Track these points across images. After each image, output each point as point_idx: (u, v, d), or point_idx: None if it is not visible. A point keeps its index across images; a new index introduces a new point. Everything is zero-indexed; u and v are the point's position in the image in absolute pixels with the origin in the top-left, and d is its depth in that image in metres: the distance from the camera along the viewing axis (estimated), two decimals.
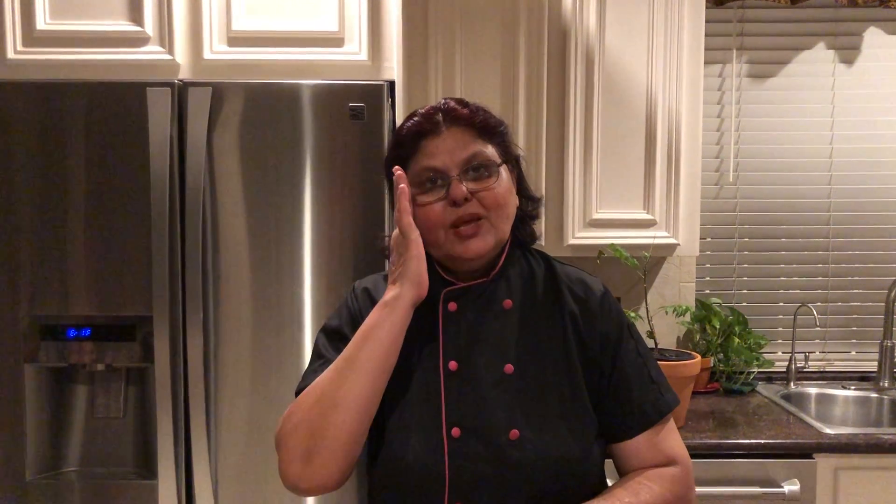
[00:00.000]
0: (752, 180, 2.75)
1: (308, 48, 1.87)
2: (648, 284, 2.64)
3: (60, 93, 1.76)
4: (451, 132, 1.15)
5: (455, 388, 1.15)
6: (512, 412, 1.13)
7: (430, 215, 1.14)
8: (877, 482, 2.01)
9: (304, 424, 1.08)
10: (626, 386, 1.18)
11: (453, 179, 1.13)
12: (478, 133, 1.16)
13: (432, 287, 1.19)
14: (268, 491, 1.79)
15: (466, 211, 1.13)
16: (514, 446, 1.11)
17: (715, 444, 1.99)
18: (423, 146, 1.15)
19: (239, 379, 1.78)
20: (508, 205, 1.17)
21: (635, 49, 2.25)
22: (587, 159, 2.26)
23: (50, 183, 1.76)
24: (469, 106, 1.18)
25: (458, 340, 1.17)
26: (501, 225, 1.16)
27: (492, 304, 1.19)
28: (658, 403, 1.18)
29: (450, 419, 1.13)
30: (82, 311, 1.77)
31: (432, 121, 1.15)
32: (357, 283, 1.29)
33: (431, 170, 1.14)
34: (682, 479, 1.17)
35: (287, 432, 1.09)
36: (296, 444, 1.08)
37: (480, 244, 1.14)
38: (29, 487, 1.79)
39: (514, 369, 1.15)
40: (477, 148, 1.15)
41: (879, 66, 2.72)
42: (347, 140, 1.77)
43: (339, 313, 1.26)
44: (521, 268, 1.24)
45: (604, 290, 1.23)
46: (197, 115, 1.73)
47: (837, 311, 2.77)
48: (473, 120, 1.16)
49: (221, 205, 1.77)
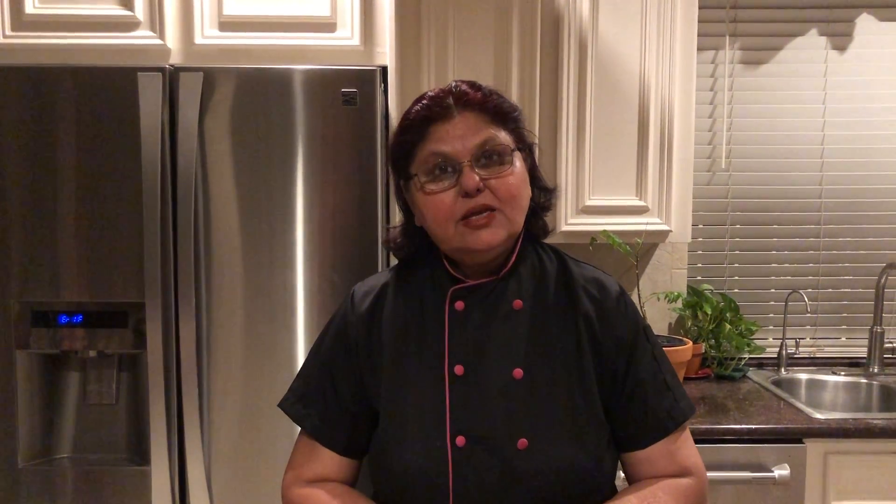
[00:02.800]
0: (744, 167, 2.76)
1: (300, 33, 1.86)
2: (640, 271, 2.65)
3: (50, 77, 1.74)
4: (463, 116, 1.08)
5: (460, 393, 1.09)
6: (520, 420, 1.07)
7: (439, 206, 1.08)
8: (866, 466, 2.03)
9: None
10: (640, 392, 1.12)
11: (465, 167, 1.06)
12: (491, 118, 1.09)
13: (439, 285, 1.15)
14: (260, 476, 1.79)
15: (478, 202, 1.06)
16: (522, 456, 1.05)
17: (706, 430, 2.01)
18: (433, 131, 1.08)
19: (232, 365, 1.78)
20: (522, 196, 1.10)
21: (628, 35, 2.24)
22: (580, 146, 2.26)
23: (40, 168, 1.75)
24: (482, 89, 1.10)
25: (465, 343, 1.11)
26: (515, 217, 1.09)
27: (501, 304, 1.13)
28: (673, 411, 1.13)
29: (454, 427, 1.07)
30: (74, 298, 1.76)
31: (442, 104, 1.08)
32: (357, 288, 1.23)
33: (441, 155, 1.07)
34: (696, 492, 1.12)
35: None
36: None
37: (492, 236, 1.07)
38: (21, 474, 1.79)
39: (524, 374, 1.09)
40: (490, 133, 1.07)
41: (872, 53, 2.73)
42: (340, 126, 1.76)
43: (331, 321, 1.23)
44: (533, 265, 1.17)
45: (620, 291, 1.17)
46: (188, 101, 1.72)
47: (828, 297, 2.79)
48: (486, 104, 1.09)
49: (213, 190, 1.76)
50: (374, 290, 1.21)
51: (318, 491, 1.16)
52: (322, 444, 1.18)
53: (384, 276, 1.23)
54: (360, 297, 1.21)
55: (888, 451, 2.03)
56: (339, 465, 1.19)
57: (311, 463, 1.19)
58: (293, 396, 1.22)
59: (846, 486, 2.03)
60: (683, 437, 1.15)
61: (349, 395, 1.18)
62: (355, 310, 1.19)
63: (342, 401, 1.18)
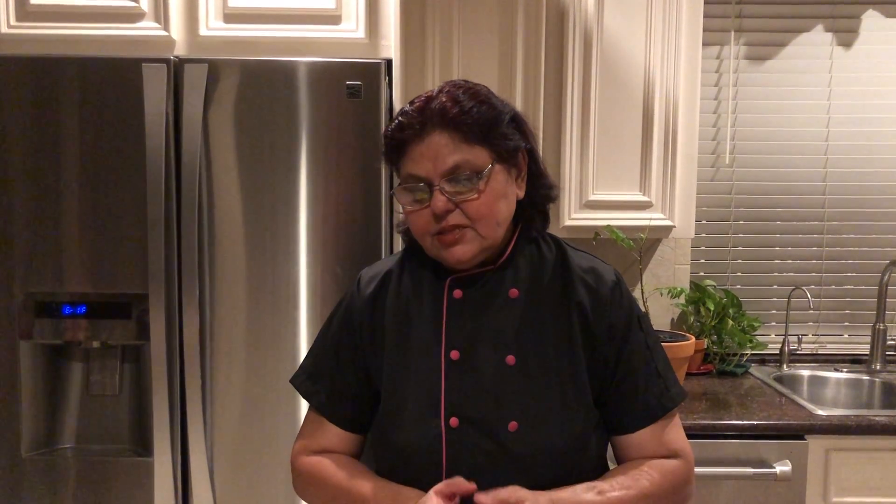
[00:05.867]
0: (748, 163, 2.75)
1: (305, 25, 1.86)
2: (643, 266, 2.65)
3: (55, 68, 1.74)
4: (436, 137, 1.09)
5: (455, 377, 1.14)
6: (511, 404, 1.12)
7: (416, 222, 1.14)
8: (867, 463, 2.03)
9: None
10: (631, 379, 1.16)
11: (435, 189, 1.09)
12: (465, 137, 1.09)
13: (438, 273, 1.19)
14: (263, 467, 1.80)
15: (448, 223, 1.10)
16: (512, 438, 1.11)
17: (708, 425, 2.01)
18: (409, 151, 1.12)
19: (235, 356, 1.78)
20: (496, 212, 1.13)
21: (633, 30, 2.24)
22: (584, 141, 2.25)
23: (44, 159, 1.75)
24: (461, 103, 1.10)
25: (462, 329, 1.16)
26: (489, 232, 1.13)
27: (497, 292, 1.17)
28: (663, 398, 1.17)
29: (448, 409, 1.13)
30: (77, 289, 1.76)
31: (415, 125, 1.10)
32: (364, 272, 1.29)
33: (415, 177, 1.11)
34: (682, 473, 1.17)
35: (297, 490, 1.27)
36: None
37: (462, 252, 1.12)
38: (24, 464, 1.79)
39: (516, 360, 1.13)
40: (461, 156, 1.09)
41: (877, 49, 2.72)
42: (344, 118, 1.76)
43: (339, 303, 1.29)
44: (531, 254, 1.21)
45: (616, 280, 1.20)
46: (193, 92, 1.72)
47: (831, 293, 2.79)
48: (463, 121, 1.09)
49: (217, 182, 1.76)
50: (380, 275, 1.25)
51: (325, 460, 1.22)
52: (328, 419, 1.25)
53: (390, 262, 1.28)
54: (365, 282, 1.26)
55: (890, 448, 2.03)
56: (344, 439, 1.25)
57: (317, 436, 1.25)
58: (303, 374, 1.28)
59: (848, 483, 2.03)
60: (673, 422, 1.19)
61: (353, 375, 1.24)
62: (361, 293, 1.24)
63: (347, 380, 1.24)
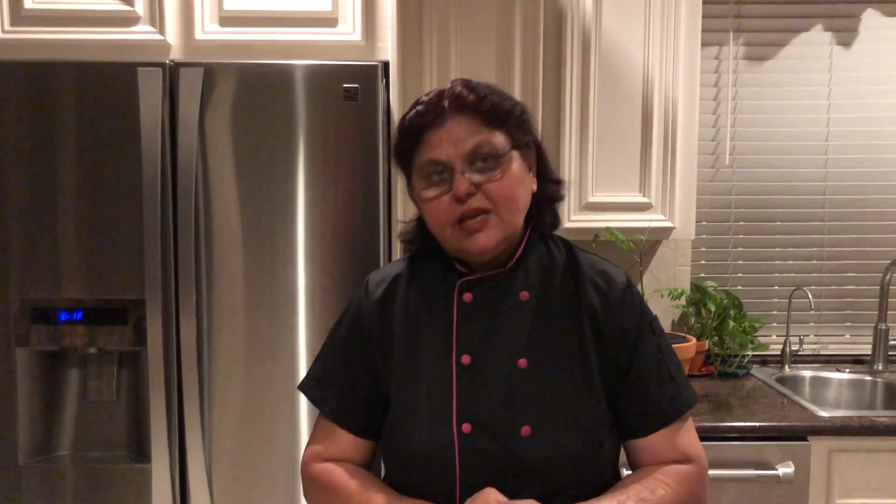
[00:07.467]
0: (748, 163, 2.74)
1: (301, 28, 1.85)
2: (644, 268, 2.64)
3: (50, 72, 1.73)
4: (456, 121, 1.09)
5: (467, 382, 1.12)
6: (524, 408, 1.10)
7: (435, 211, 1.11)
8: (870, 464, 2.02)
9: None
10: (643, 382, 1.15)
11: (456, 173, 1.08)
12: (485, 120, 1.10)
13: (448, 277, 1.18)
14: (262, 473, 1.79)
15: (471, 206, 1.08)
16: (525, 443, 1.09)
17: (710, 427, 2.00)
18: (427, 137, 1.10)
19: (232, 362, 1.77)
20: (518, 196, 1.12)
21: (632, 31, 2.23)
22: (583, 142, 2.25)
23: (40, 164, 1.74)
24: (477, 90, 1.11)
25: (472, 333, 1.14)
26: (511, 217, 1.12)
27: (508, 295, 1.15)
28: (676, 402, 1.15)
29: (460, 414, 1.11)
30: (74, 295, 1.75)
31: (435, 110, 1.10)
32: (371, 276, 1.27)
33: (435, 162, 1.10)
34: (697, 478, 1.15)
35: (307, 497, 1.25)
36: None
37: (486, 239, 1.10)
38: (21, 471, 1.78)
39: (528, 364, 1.12)
40: (482, 137, 1.09)
41: (877, 49, 2.71)
42: (341, 121, 1.75)
43: (347, 307, 1.27)
44: (541, 256, 1.19)
45: (627, 283, 1.18)
46: (188, 96, 1.71)
47: (832, 294, 2.78)
48: (481, 106, 1.10)
49: (214, 187, 1.75)
50: (388, 279, 1.24)
51: (338, 468, 1.21)
52: (340, 425, 1.22)
53: (398, 266, 1.26)
54: (374, 286, 1.24)
55: (892, 449, 2.02)
56: (356, 446, 1.23)
57: (329, 442, 1.23)
58: (312, 380, 1.26)
59: (850, 484, 2.02)
60: (686, 426, 1.17)
61: (363, 380, 1.22)
62: (369, 297, 1.23)
63: (357, 385, 1.22)
